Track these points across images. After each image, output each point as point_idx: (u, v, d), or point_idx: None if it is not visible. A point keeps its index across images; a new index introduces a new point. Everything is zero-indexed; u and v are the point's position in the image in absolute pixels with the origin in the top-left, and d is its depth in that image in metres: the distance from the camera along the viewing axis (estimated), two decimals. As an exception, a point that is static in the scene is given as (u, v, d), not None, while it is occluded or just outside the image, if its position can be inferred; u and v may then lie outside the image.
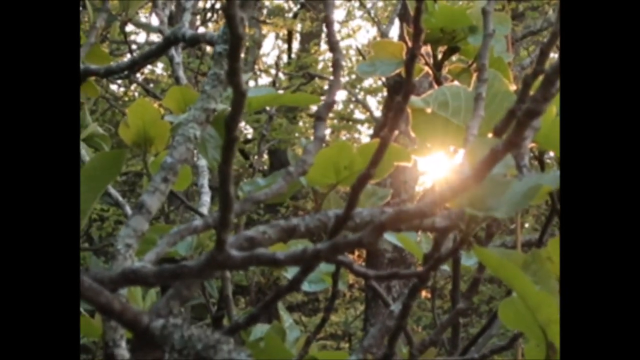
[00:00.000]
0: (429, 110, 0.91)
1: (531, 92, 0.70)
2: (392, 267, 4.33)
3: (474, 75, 0.90)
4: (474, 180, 0.56)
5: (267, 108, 3.20)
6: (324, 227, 0.71)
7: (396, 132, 0.63)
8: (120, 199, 1.69)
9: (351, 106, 7.86)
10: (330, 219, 0.71)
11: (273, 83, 4.41)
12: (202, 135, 0.95)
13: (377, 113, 6.38)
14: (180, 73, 1.68)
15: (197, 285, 0.73)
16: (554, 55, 0.82)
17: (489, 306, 6.02)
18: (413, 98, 0.91)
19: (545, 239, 1.15)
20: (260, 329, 1.26)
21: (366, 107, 6.34)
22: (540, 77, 0.67)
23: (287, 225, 0.69)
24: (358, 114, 8.05)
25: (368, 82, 7.71)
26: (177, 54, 1.73)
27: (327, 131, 7.74)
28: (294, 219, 0.70)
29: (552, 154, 1.07)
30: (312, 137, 0.74)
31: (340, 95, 8.49)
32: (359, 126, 8.09)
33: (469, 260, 1.19)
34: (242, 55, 0.54)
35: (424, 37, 1.10)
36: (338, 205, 1.06)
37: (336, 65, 0.73)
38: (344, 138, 7.94)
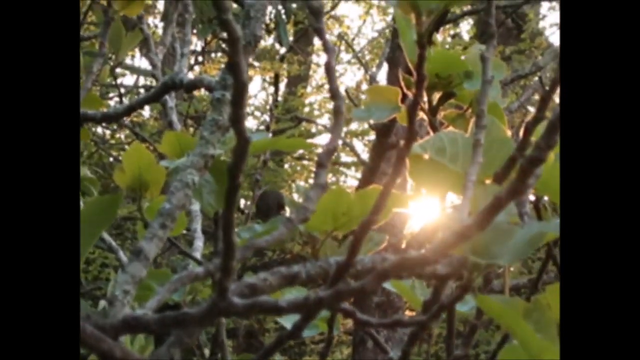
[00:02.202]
0: (426, 156, 0.91)
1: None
2: (379, 311, 4.32)
3: (471, 121, 0.90)
4: (478, 227, 0.56)
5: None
6: (325, 274, 0.70)
7: (399, 180, 0.64)
8: (114, 243, 1.69)
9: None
10: (332, 266, 0.70)
11: (267, 127, 4.42)
12: (198, 180, 0.94)
13: (364, 156, 6.39)
14: (174, 117, 1.68)
15: (199, 333, 0.73)
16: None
17: (476, 350, 6.00)
18: (410, 144, 0.91)
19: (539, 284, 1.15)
20: (252, 375, 1.25)
21: (353, 151, 6.35)
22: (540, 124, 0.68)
23: (288, 272, 0.69)
24: (344, 157, 8.07)
25: (354, 126, 7.74)
26: (171, 99, 1.73)
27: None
28: (295, 266, 0.69)
29: (546, 198, 1.07)
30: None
31: (326, 137, 8.50)
32: (344, 169, 8.10)
33: (463, 307, 1.19)
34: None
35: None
36: (333, 251, 1.06)
37: (337, 111, 0.73)
38: (329, 181, 7.95)
